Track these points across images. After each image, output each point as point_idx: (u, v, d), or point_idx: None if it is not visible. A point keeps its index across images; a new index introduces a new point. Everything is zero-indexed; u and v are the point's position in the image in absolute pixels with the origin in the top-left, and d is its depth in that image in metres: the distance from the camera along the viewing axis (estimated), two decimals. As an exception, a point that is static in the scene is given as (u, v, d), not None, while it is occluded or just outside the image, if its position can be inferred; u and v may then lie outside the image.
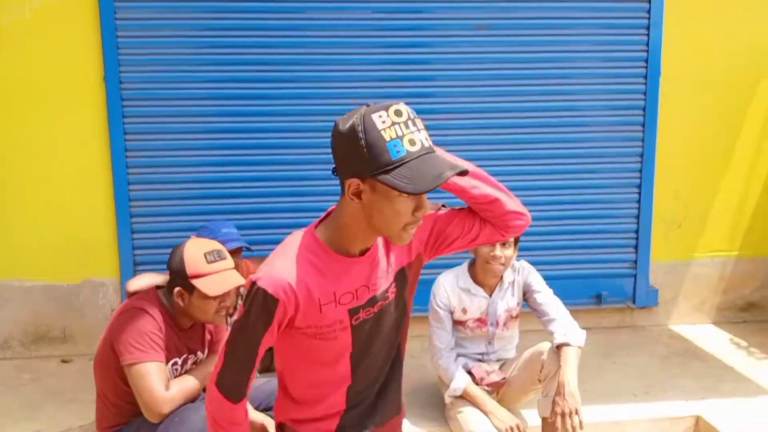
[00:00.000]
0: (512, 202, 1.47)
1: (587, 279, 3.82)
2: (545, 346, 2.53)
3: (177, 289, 2.10)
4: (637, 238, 3.85)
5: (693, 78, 3.77)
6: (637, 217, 3.82)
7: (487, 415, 2.55)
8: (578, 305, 3.63)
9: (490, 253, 2.52)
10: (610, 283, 3.86)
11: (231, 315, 3.11)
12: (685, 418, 2.89)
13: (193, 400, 2.14)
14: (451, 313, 2.66)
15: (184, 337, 2.20)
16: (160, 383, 2.03)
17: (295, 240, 1.37)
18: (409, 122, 1.26)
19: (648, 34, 3.67)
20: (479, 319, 2.67)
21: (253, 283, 1.31)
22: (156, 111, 3.48)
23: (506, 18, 3.58)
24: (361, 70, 3.56)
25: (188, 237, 2.37)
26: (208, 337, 2.32)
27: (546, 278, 2.73)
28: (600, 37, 3.66)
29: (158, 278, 2.23)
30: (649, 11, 3.64)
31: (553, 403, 2.33)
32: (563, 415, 2.29)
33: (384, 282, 1.44)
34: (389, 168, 1.22)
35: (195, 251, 2.11)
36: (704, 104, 3.80)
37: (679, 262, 3.95)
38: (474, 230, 1.49)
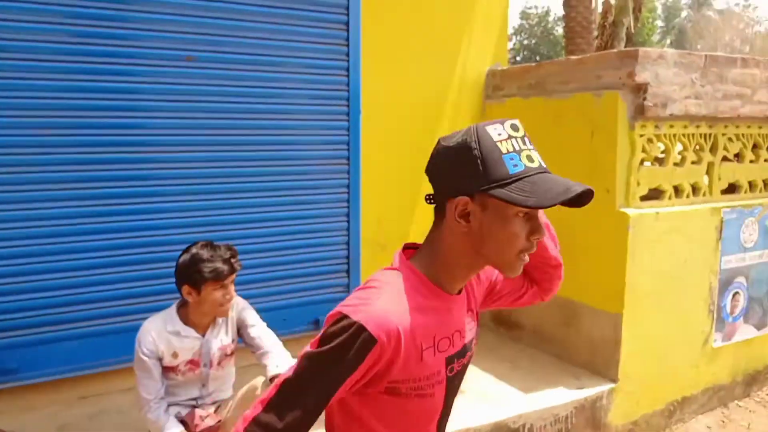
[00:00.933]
0: (562, 269, 1.41)
1: (304, 306, 3.96)
2: (259, 381, 2.54)
3: None
4: (348, 263, 4.12)
5: (388, 115, 4.20)
6: (347, 243, 4.10)
7: (203, 462, 2.48)
8: (298, 333, 3.76)
9: (225, 296, 2.46)
10: (327, 308, 3.92)
11: None
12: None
13: None
14: (160, 360, 2.52)
15: None
16: None
17: (391, 276, 1.14)
18: (526, 139, 1.13)
19: (348, 75, 3.98)
20: (191, 361, 2.57)
21: (343, 316, 1.06)
22: None
23: (215, 51, 3.55)
24: (58, 97, 3.18)
25: None
26: None
27: (264, 310, 2.76)
28: (306, 75, 3.84)
29: None
30: (348, 54, 3.95)
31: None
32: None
33: (470, 330, 1.25)
34: (505, 182, 1.06)
35: None
36: (399, 138, 4.26)
37: (386, 282, 4.34)
38: (523, 289, 1.40)
